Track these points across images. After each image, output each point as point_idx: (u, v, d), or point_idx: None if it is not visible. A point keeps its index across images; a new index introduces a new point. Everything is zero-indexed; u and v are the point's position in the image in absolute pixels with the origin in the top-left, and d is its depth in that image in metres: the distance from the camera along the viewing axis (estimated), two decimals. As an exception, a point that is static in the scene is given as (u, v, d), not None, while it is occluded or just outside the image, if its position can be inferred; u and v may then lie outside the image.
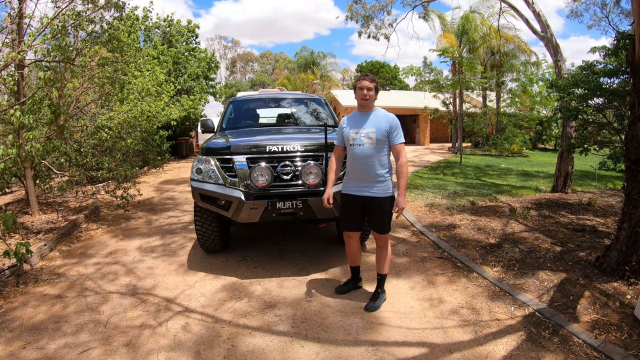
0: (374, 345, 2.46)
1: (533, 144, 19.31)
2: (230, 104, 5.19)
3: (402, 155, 2.80)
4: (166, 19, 15.75)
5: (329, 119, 4.92)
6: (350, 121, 2.92)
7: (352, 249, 3.10)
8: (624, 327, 2.56)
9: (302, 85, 24.76)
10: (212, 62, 17.03)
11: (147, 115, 7.80)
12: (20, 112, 3.68)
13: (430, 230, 4.86)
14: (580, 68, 5.76)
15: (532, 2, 6.97)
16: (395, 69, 37.58)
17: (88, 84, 6.34)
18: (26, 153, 3.81)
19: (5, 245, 3.96)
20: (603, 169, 8.05)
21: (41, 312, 2.93)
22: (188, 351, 2.42)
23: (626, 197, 3.38)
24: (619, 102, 5.49)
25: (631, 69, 3.35)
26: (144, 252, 4.28)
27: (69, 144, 6.23)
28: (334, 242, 4.40)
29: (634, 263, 3.15)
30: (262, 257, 3.98)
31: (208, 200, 3.47)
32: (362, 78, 2.84)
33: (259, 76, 42.71)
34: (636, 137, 3.23)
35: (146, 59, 10.12)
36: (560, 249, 4.02)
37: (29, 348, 2.48)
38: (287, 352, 2.41)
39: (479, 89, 18.57)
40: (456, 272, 3.59)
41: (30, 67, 5.30)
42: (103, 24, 5.31)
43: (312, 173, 3.29)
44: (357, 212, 2.92)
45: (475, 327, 2.65)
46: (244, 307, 2.96)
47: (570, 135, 6.87)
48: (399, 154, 2.80)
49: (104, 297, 3.18)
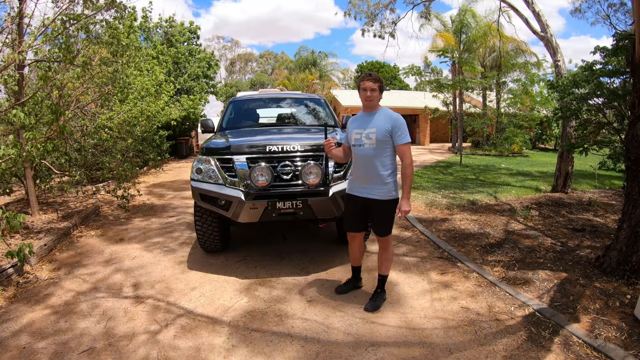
0: (374, 345, 2.46)
1: (533, 144, 19.33)
2: (230, 103, 5.19)
3: (407, 156, 2.72)
4: (168, 19, 15.77)
5: (329, 118, 4.92)
6: (355, 121, 2.91)
7: (354, 249, 3.09)
8: (624, 327, 2.56)
9: (302, 85, 24.75)
10: (211, 61, 17.04)
11: (147, 115, 7.80)
12: (22, 113, 3.68)
13: (430, 230, 4.86)
14: (581, 68, 5.77)
15: (531, 2, 6.96)
16: (395, 69, 37.58)
17: (88, 84, 6.34)
18: (26, 153, 3.81)
19: (6, 246, 3.97)
20: (603, 169, 8.04)
21: (41, 312, 2.93)
22: (188, 351, 2.42)
23: (626, 197, 3.38)
24: (619, 102, 5.49)
25: (631, 69, 3.35)
26: (144, 251, 4.28)
27: (69, 144, 6.24)
28: (334, 242, 4.40)
29: (634, 263, 3.15)
30: (262, 257, 3.98)
31: (208, 200, 3.47)
32: (365, 78, 2.77)
33: (259, 76, 42.69)
34: (636, 137, 3.23)
35: (146, 59, 10.13)
36: (560, 249, 4.02)
37: (29, 348, 2.48)
38: (287, 352, 2.41)
39: (479, 89, 18.58)
40: (456, 272, 3.59)
41: (30, 67, 5.30)
42: (103, 24, 5.31)
43: (312, 173, 3.29)
44: (360, 212, 2.91)
45: (475, 327, 2.65)
46: (243, 307, 2.96)
47: (570, 135, 6.87)
48: (403, 155, 2.72)
49: (102, 298, 3.18)
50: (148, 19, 14.37)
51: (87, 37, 5.21)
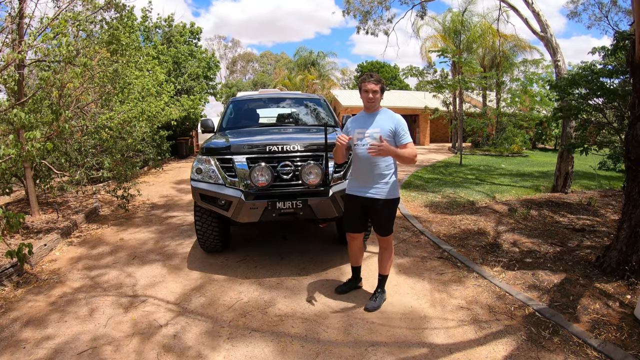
0: (374, 345, 2.46)
1: (533, 144, 19.33)
2: (230, 103, 5.19)
3: (412, 149, 2.69)
4: (167, 19, 15.76)
5: (329, 118, 4.92)
6: (356, 122, 2.90)
7: (354, 250, 3.09)
8: (624, 327, 2.56)
9: (302, 85, 24.74)
10: (212, 62, 17.04)
11: (147, 115, 7.79)
12: (22, 113, 3.68)
13: (430, 230, 4.86)
14: (581, 69, 5.77)
15: (531, 2, 6.96)
16: (395, 69, 37.60)
17: (88, 84, 6.33)
18: (26, 153, 3.81)
19: (6, 245, 3.97)
20: (603, 169, 8.05)
21: (40, 311, 2.93)
22: (188, 351, 2.42)
23: (626, 197, 3.38)
24: (619, 102, 5.49)
25: (631, 69, 3.35)
26: (144, 251, 4.28)
27: (69, 143, 6.24)
28: (334, 242, 4.40)
29: (634, 263, 3.15)
30: (262, 257, 3.98)
31: (208, 200, 3.47)
32: (367, 79, 2.77)
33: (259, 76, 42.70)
34: (636, 137, 3.23)
35: (146, 59, 10.13)
36: (560, 249, 4.02)
37: (28, 348, 2.48)
38: (287, 352, 2.41)
39: (478, 89, 18.58)
40: (456, 272, 3.59)
41: (30, 67, 5.30)
42: (103, 24, 5.31)
43: (312, 173, 3.29)
44: (360, 213, 2.91)
45: (475, 327, 2.65)
46: (243, 307, 2.96)
47: (570, 135, 6.88)
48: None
49: (102, 297, 3.18)
50: (148, 19, 14.37)
51: (87, 37, 5.21)
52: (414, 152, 2.68)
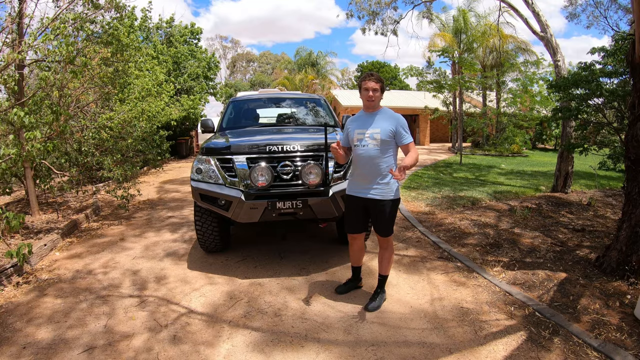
0: (374, 345, 2.47)
1: (533, 144, 19.33)
2: (230, 103, 5.19)
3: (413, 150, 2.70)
4: (168, 21, 15.77)
5: (329, 118, 4.92)
6: (356, 122, 2.88)
7: (355, 250, 3.09)
8: (624, 327, 2.56)
9: (301, 85, 24.76)
10: (212, 62, 17.05)
11: (147, 115, 7.80)
12: (23, 112, 3.68)
13: (430, 230, 4.86)
14: (581, 69, 5.77)
15: (531, 2, 6.96)
16: (395, 69, 37.61)
17: (88, 84, 6.34)
18: (26, 153, 3.81)
19: (6, 245, 3.97)
20: (603, 169, 8.04)
21: (41, 311, 2.93)
22: (188, 351, 2.42)
23: (626, 197, 3.38)
24: (619, 102, 5.49)
25: (631, 69, 3.35)
26: (143, 251, 4.28)
27: (70, 143, 6.24)
28: (334, 242, 4.40)
29: (634, 263, 3.15)
30: (262, 257, 3.98)
31: (208, 200, 3.47)
32: (367, 78, 2.76)
33: (259, 76, 42.71)
34: (636, 137, 3.23)
35: (146, 59, 10.13)
36: (560, 249, 4.02)
37: (29, 348, 2.48)
38: (287, 352, 2.41)
39: (479, 89, 18.58)
40: (456, 272, 3.59)
41: (30, 67, 5.30)
42: (103, 23, 5.31)
43: (312, 173, 3.29)
44: (361, 213, 2.90)
45: (475, 327, 2.65)
46: (244, 307, 2.96)
47: (570, 135, 6.87)
48: (409, 151, 2.70)
49: (103, 297, 3.18)
50: (148, 19, 14.37)
51: (87, 37, 5.21)
52: (416, 155, 2.68)
